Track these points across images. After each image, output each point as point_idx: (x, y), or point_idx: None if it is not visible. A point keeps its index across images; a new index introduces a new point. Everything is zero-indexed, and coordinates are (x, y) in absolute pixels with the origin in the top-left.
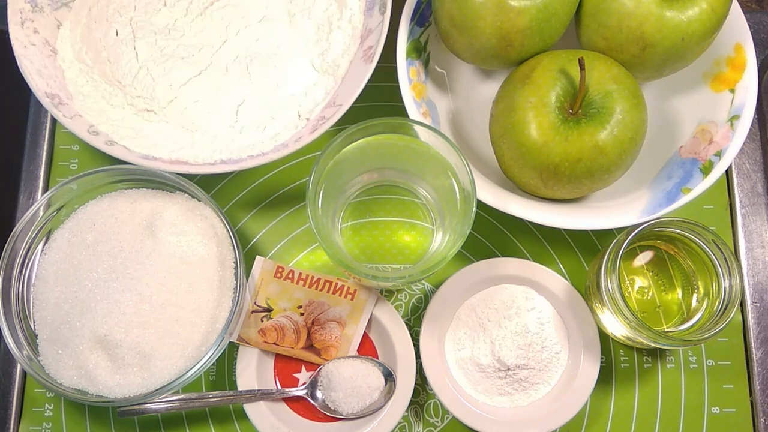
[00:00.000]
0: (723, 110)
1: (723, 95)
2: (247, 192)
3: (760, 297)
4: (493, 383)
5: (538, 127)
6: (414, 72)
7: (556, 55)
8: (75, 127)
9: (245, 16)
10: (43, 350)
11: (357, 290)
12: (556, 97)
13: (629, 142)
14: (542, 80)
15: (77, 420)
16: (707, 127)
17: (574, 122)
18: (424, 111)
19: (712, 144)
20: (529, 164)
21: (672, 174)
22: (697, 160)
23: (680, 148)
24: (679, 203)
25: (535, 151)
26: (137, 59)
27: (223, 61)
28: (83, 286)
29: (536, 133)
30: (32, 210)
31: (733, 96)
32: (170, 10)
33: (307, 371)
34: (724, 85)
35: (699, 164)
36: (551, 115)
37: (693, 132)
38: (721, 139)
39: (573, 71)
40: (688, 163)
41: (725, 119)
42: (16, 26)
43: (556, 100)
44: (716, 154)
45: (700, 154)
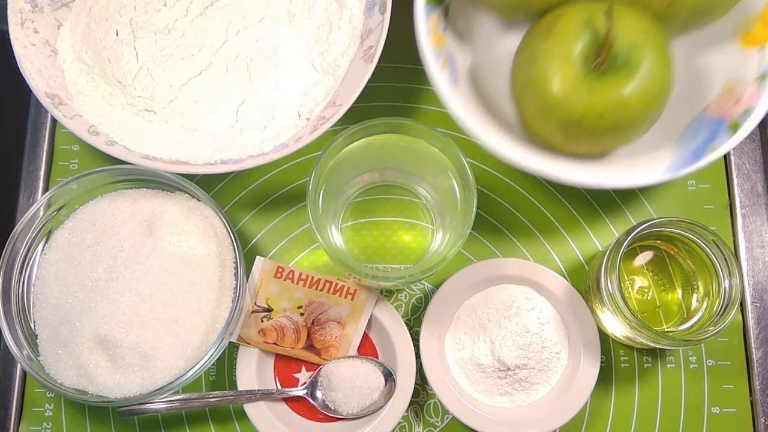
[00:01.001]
0: (752, 68)
1: (752, 53)
2: (247, 192)
3: (760, 297)
4: (493, 383)
5: (561, 79)
6: (433, 21)
7: (582, 5)
8: (75, 127)
9: (245, 16)
10: (43, 350)
11: (357, 290)
12: (581, 48)
13: (655, 98)
14: (566, 31)
15: (77, 420)
16: (735, 85)
17: (598, 75)
18: (443, 62)
19: (739, 103)
20: (551, 118)
21: (698, 132)
22: (723, 118)
23: (707, 106)
24: (705, 161)
25: (558, 104)
26: (137, 59)
27: (223, 61)
28: (83, 286)
29: (559, 86)
30: (32, 210)
31: (762, 54)
32: (170, 10)
33: (307, 371)
34: (755, 42)
35: (726, 123)
36: (575, 67)
37: (720, 90)
38: (749, 97)
39: (599, 23)
40: (715, 121)
41: (754, 77)
42: (16, 26)
43: (580, 52)
44: (744, 112)
45: (728, 112)
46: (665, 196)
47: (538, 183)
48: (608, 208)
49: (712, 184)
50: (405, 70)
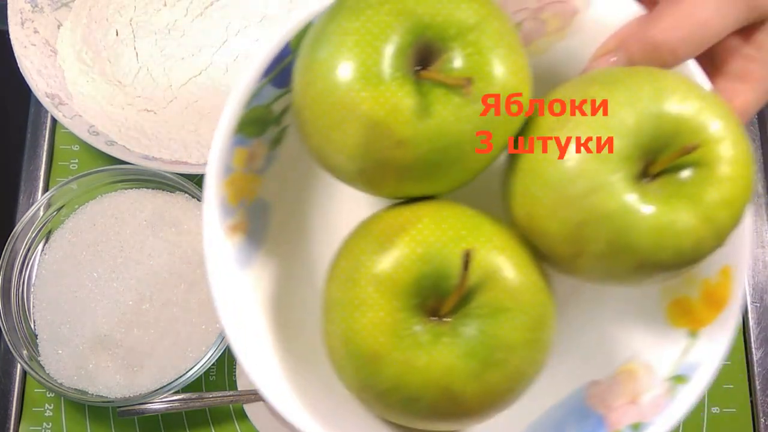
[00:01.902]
0: (669, 357)
1: (677, 335)
2: None
3: (760, 297)
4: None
5: (372, 325)
6: (243, 156)
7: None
8: (75, 127)
9: (245, 16)
10: (43, 350)
11: None
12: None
13: (503, 393)
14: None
15: (77, 420)
16: (637, 370)
17: (433, 334)
18: (236, 223)
19: (633, 405)
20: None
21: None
22: (603, 421)
23: (591, 384)
24: None
25: (364, 357)
26: (137, 59)
27: (224, 61)
28: (83, 286)
29: (368, 336)
30: (32, 210)
31: (691, 343)
32: (170, 10)
33: None
34: (685, 321)
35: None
36: (401, 312)
37: (617, 368)
38: (648, 404)
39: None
40: (592, 420)
41: (667, 374)
42: (16, 26)
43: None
44: (633, 427)
45: (613, 411)
46: None
47: None
48: None
49: None
50: None
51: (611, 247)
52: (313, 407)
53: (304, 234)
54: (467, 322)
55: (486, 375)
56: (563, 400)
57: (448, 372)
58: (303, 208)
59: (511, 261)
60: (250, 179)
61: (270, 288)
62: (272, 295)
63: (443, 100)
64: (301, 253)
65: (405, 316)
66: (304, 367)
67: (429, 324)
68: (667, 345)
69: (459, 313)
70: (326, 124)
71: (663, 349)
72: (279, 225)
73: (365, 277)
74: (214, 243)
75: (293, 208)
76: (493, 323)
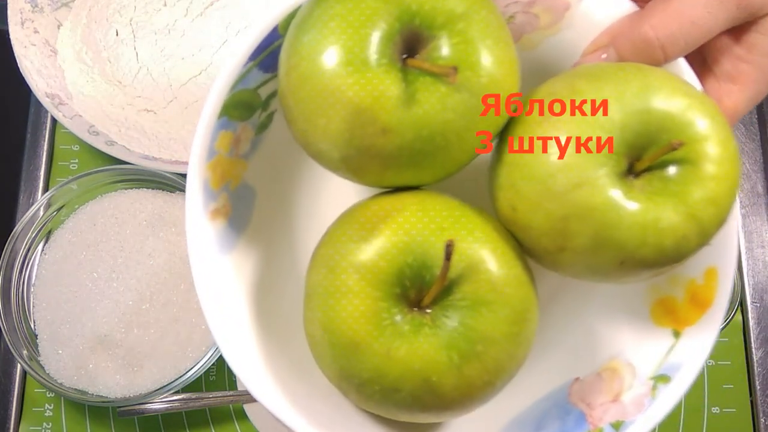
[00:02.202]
0: (652, 357)
1: (662, 334)
2: None
3: (760, 297)
4: None
5: (353, 314)
6: (227, 140)
7: (428, 207)
8: (75, 127)
9: (245, 16)
10: (43, 350)
11: None
12: (402, 275)
13: (491, 376)
14: (390, 242)
15: (77, 420)
16: (621, 368)
17: (414, 324)
18: (218, 208)
19: (615, 404)
20: (330, 357)
21: (545, 419)
22: (585, 418)
23: (574, 381)
24: None
25: (343, 346)
26: (137, 59)
27: (223, 61)
28: (83, 286)
29: (349, 324)
30: (32, 210)
31: (674, 343)
32: (170, 10)
33: None
34: (669, 321)
35: (586, 428)
36: (383, 302)
37: (600, 365)
38: (630, 403)
39: (438, 245)
40: (573, 416)
41: (649, 373)
42: (16, 26)
43: (400, 279)
44: (614, 426)
45: (595, 410)
46: None
47: None
48: None
49: None
50: None
51: (595, 242)
52: (291, 394)
53: (288, 221)
54: (448, 314)
55: (466, 367)
56: (545, 396)
57: (428, 363)
58: (288, 195)
59: (494, 254)
60: (234, 163)
61: (252, 274)
62: (254, 281)
63: (429, 89)
64: (285, 240)
65: (386, 306)
66: (285, 354)
67: (410, 314)
68: (651, 344)
69: (440, 304)
70: (310, 110)
71: (647, 348)
72: (263, 211)
73: (347, 265)
74: (195, 227)
75: (278, 195)
76: (474, 315)
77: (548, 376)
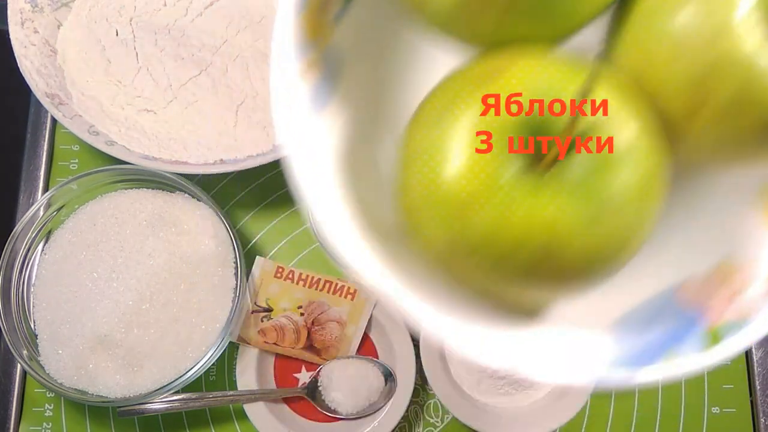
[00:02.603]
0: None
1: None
2: (247, 192)
3: None
4: (493, 383)
5: (473, 168)
6: None
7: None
8: (75, 127)
9: (245, 15)
10: (43, 350)
11: (357, 290)
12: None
13: (618, 243)
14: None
15: (77, 420)
16: (736, 268)
17: (535, 181)
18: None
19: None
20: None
21: (655, 319)
22: (701, 318)
23: (682, 285)
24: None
25: (454, 205)
26: (137, 59)
27: (223, 61)
28: (83, 286)
29: (466, 177)
30: (32, 210)
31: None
32: (170, 10)
33: (307, 371)
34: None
35: (703, 326)
36: (502, 157)
37: (710, 267)
38: (753, 300)
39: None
40: (686, 316)
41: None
42: (16, 26)
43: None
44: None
45: (711, 309)
46: None
47: None
48: None
49: None
50: None
51: (736, 100)
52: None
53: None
54: (572, 174)
55: (593, 228)
56: (656, 294)
57: (549, 226)
58: (379, 61)
59: (623, 111)
60: (324, 24)
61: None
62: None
63: None
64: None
65: (502, 163)
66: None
67: (530, 173)
68: None
69: (563, 163)
70: None
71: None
72: (353, 76)
73: (460, 119)
74: (285, 82)
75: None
76: (600, 177)
77: (660, 274)
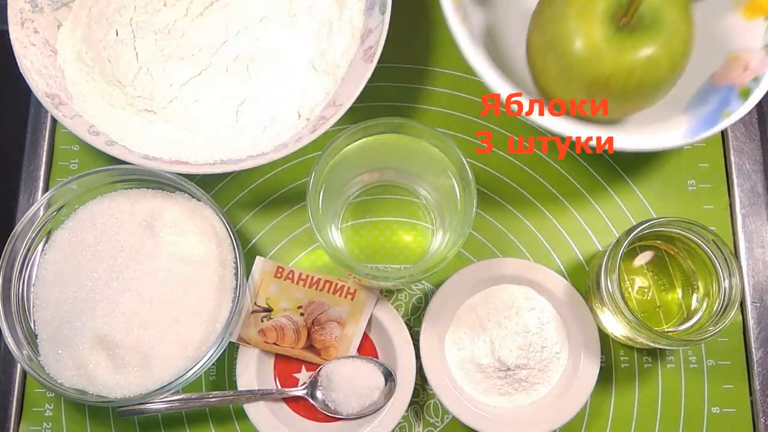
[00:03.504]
0: (757, 38)
1: (756, 23)
2: (247, 192)
3: (760, 297)
4: (493, 383)
5: (588, 36)
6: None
7: None
8: (75, 127)
9: (245, 16)
10: (43, 350)
11: (357, 290)
12: (608, 6)
13: (681, 56)
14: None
15: (77, 420)
16: (739, 55)
17: (626, 33)
18: (462, 17)
19: (747, 71)
20: (576, 77)
21: (707, 100)
22: (733, 85)
23: (712, 75)
24: (720, 126)
25: (586, 62)
26: (137, 59)
27: (223, 61)
28: (83, 286)
29: (587, 43)
30: (32, 210)
31: (767, 22)
32: (170, 10)
33: (307, 371)
34: (759, 13)
35: (736, 89)
36: (602, 25)
37: (724, 59)
38: (757, 65)
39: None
40: (724, 89)
41: (760, 46)
42: (16, 26)
43: (607, 9)
44: (754, 79)
45: (737, 80)
46: (665, 196)
47: (537, 182)
48: (608, 208)
49: (712, 184)
50: (405, 70)
51: None
52: None
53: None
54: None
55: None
56: (698, 89)
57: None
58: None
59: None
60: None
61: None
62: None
63: None
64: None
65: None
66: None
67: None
68: (753, 31)
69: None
70: None
71: (751, 35)
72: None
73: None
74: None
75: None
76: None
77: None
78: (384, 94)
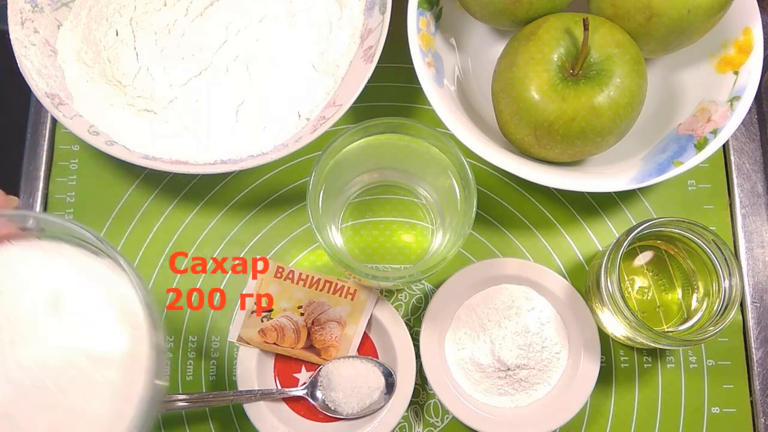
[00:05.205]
0: (725, 91)
1: (726, 77)
2: (247, 192)
3: (760, 297)
4: (493, 383)
5: (536, 83)
6: (423, 22)
7: (563, 15)
8: (75, 127)
9: (245, 16)
10: None
11: (357, 290)
12: (558, 56)
13: (625, 107)
14: (546, 38)
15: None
16: (707, 106)
17: (573, 82)
18: (429, 61)
19: (709, 122)
20: (524, 120)
21: (667, 148)
22: (692, 136)
23: (679, 125)
24: (668, 175)
25: (532, 107)
26: (137, 59)
27: (223, 61)
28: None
29: (534, 89)
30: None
31: (736, 78)
32: (170, 10)
33: (307, 371)
34: (729, 67)
35: (694, 140)
36: (551, 73)
37: (693, 110)
38: (719, 118)
39: (577, 32)
40: (684, 138)
41: (725, 99)
42: (16, 26)
43: (558, 59)
44: (712, 132)
45: (697, 131)
46: (665, 196)
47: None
48: (608, 208)
49: (712, 184)
50: (405, 70)
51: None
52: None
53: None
54: (593, 68)
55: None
56: (663, 137)
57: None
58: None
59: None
60: (428, 37)
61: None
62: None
63: None
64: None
65: (554, 75)
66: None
67: (569, 78)
68: (722, 84)
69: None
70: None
71: (720, 88)
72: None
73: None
74: (421, 70)
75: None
76: (609, 64)
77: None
78: (384, 94)
